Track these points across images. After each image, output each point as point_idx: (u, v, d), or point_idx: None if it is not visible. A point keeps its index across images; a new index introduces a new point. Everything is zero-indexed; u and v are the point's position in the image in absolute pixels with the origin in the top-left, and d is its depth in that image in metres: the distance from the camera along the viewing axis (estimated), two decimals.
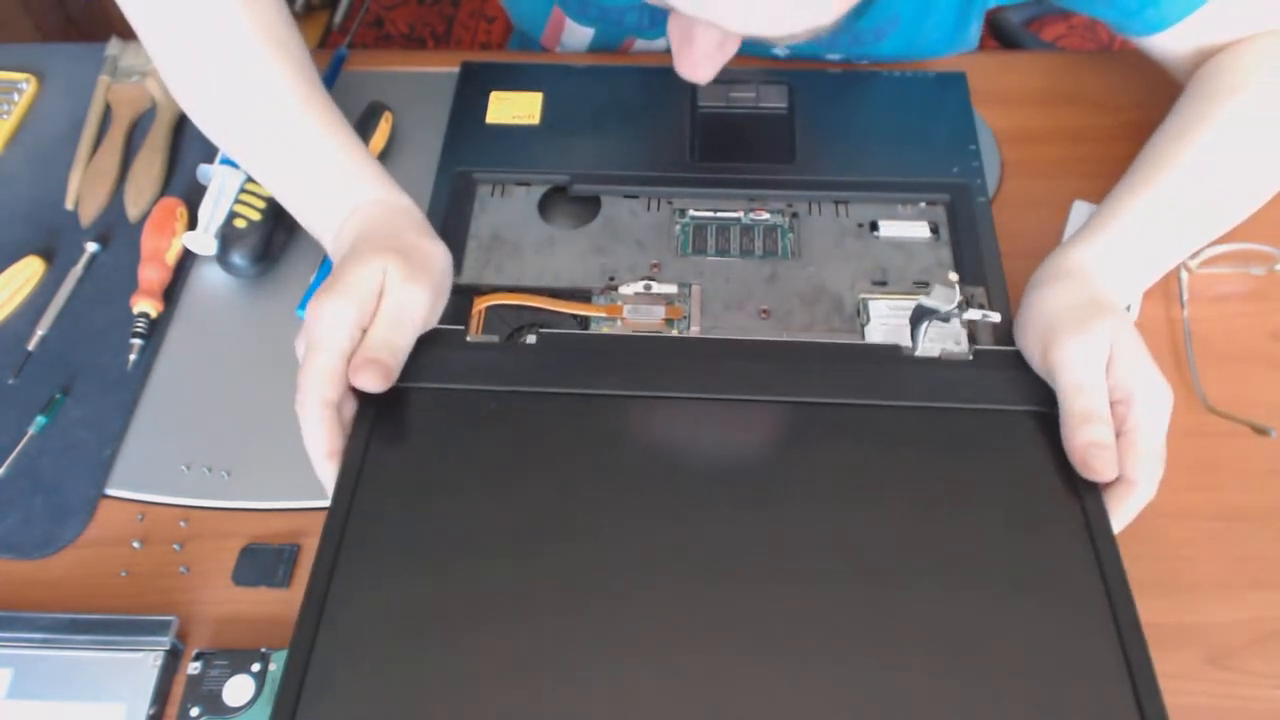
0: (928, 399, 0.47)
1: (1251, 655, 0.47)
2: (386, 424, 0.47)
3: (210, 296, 0.61)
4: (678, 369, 0.49)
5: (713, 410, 0.48)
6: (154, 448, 0.55)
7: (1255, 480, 0.52)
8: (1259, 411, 0.53)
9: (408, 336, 0.48)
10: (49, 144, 0.68)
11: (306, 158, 0.54)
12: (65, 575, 0.51)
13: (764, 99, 0.66)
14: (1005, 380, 0.48)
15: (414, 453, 0.46)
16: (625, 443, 0.47)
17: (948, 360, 0.49)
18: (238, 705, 0.45)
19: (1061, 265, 0.50)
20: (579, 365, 0.49)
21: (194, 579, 0.50)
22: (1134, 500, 0.44)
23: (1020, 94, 0.69)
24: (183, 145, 0.68)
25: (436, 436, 0.47)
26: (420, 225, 0.52)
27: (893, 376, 0.48)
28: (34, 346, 0.58)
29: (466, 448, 0.46)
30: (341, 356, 0.46)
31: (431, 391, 0.48)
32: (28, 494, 0.53)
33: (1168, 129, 0.56)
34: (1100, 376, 0.45)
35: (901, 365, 0.49)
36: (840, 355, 0.50)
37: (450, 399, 0.48)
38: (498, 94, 0.67)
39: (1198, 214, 0.54)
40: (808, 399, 0.48)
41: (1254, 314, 0.58)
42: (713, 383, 0.48)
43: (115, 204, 0.65)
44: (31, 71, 0.72)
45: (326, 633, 0.40)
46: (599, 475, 0.45)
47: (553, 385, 0.48)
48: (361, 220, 0.51)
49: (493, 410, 0.47)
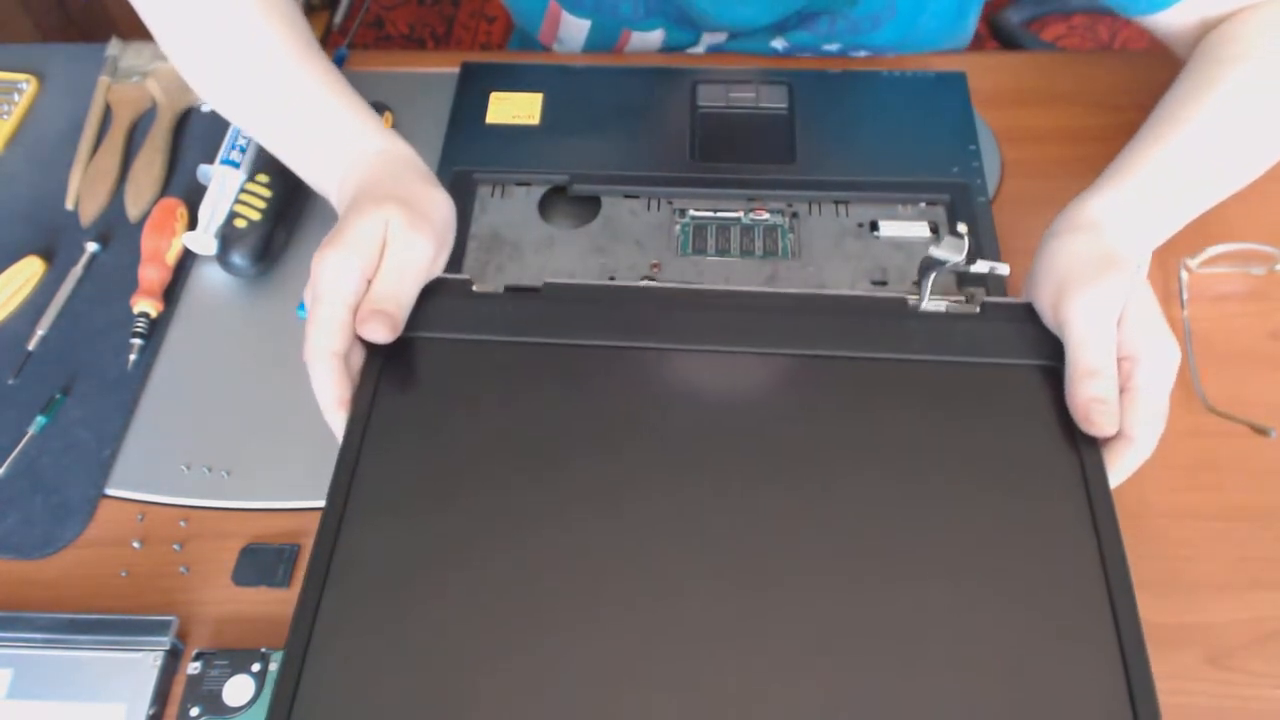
0: (934, 352, 0.47)
1: (1251, 655, 0.47)
2: (393, 374, 0.47)
3: (210, 296, 0.61)
4: (683, 319, 0.49)
5: (717, 361, 0.48)
6: (154, 448, 0.55)
7: (1255, 480, 0.52)
8: (1259, 411, 0.53)
9: (412, 286, 0.48)
10: (49, 144, 0.68)
11: (306, 113, 0.54)
12: (65, 575, 0.51)
13: (764, 99, 0.66)
14: (1013, 334, 0.48)
15: (421, 402, 0.47)
16: (629, 393, 0.47)
17: (955, 313, 0.49)
18: (238, 705, 0.45)
19: (1076, 218, 0.50)
20: (584, 315, 0.49)
21: (194, 579, 0.50)
22: (1132, 456, 0.44)
23: (1020, 94, 0.69)
24: (183, 145, 0.68)
25: (443, 387, 0.47)
26: (423, 173, 0.53)
27: (899, 329, 0.48)
28: (34, 346, 0.58)
29: (473, 398, 0.47)
30: (347, 308, 0.46)
31: (438, 342, 0.48)
32: (28, 494, 0.53)
33: (1176, 92, 0.56)
34: (1109, 332, 0.45)
35: (908, 318, 0.49)
36: (847, 307, 0.49)
37: (457, 349, 0.48)
38: (497, 94, 0.67)
39: (1205, 174, 0.54)
40: (814, 351, 0.48)
41: (1254, 314, 0.58)
42: (718, 333, 0.48)
43: (115, 204, 0.65)
44: (31, 72, 0.72)
45: (335, 582, 0.41)
46: (604, 425, 0.46)
47: (558, 336, 0.48)
48: (363, 171, 0.52)
49: (499, 360, 0.48)
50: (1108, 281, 0.45)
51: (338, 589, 0.41)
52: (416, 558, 0.42)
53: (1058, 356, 0.46)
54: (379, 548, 0.42)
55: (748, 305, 0.49)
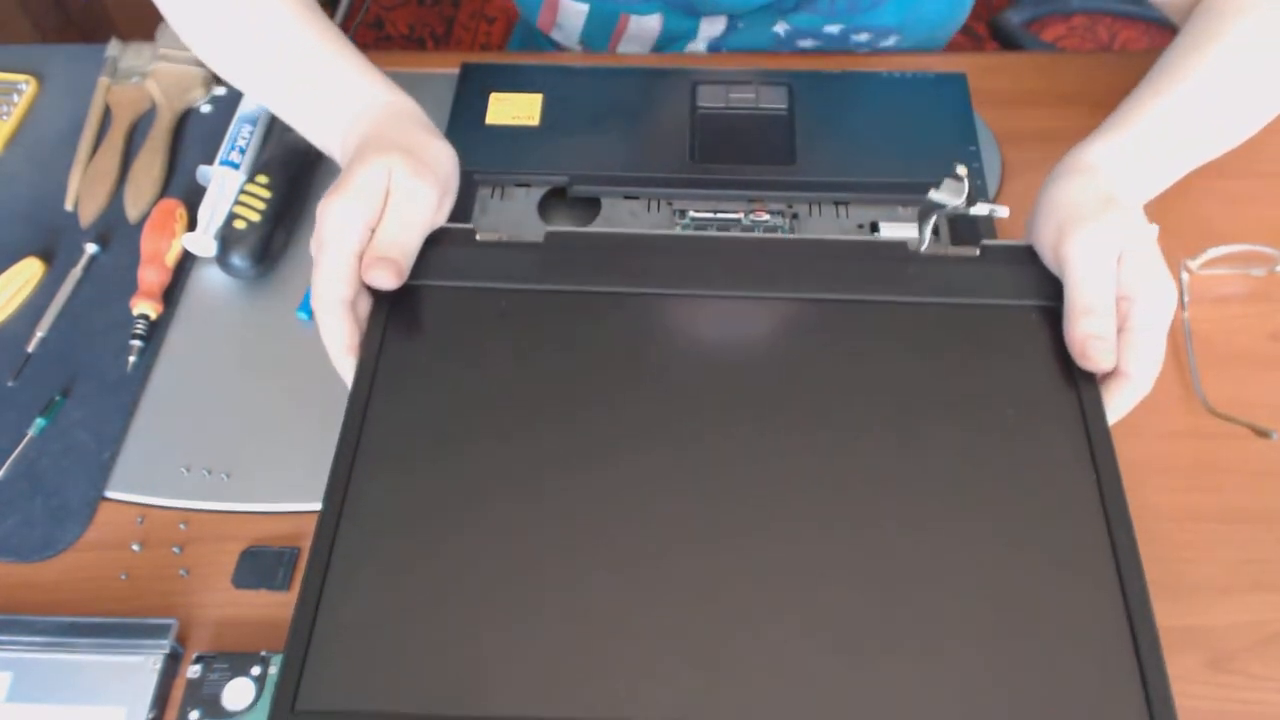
0: (934, 294, 0.48)
1: (1253, 658, 0.47)
2: (400, 321, 0.48)
3: (210, 298, 0.61)
4: (685, 265, 0.49)
5: (719, 306, 0.49)
6: (154, 450, 0.54)
7: (1256, 482, 0.52)
8: (1260, 413, 0.53)
9: (416, 234, 0.49)
10: (48, 145, 0.68)
11: (310, 68, 0.55)
12: (65, 578, 0.51)
13: (764, 100, 0.66)
14: (1012, 275, 0.48)
15: (428, 349, 0.47)
16: (633, 338, 0.48)
17: (955, 256, 0.49)
18: (238, 709, 0.45)
19: (1075, 162, 0.51)
20: (587, 262, 0.50)
21: (194, 582, 0.50)
22: (1129, 394, 0.45)
23: (1020, 94, 0.69)
24: (183, 146, 0.68)
25: (449, 333, 0.48)
26: (426, 124, 0.53)
27: (899, 273, 0.49)
28: (33, 348, 0.58)
29: (479, 344, 0.47)
30: (353, 255, 0.47)
31: (443, 289, 0.49)
32: (27, 496, 0.53)
33: (1177, 46, 0.56)
34: (1108, 270, 0.46)
35: (908, 261, 0.49)
36: (846, 251, 0.50)
37: (462, 296, 0.49)
38: (497, 95, 0.67)
39: (1202, 130, 0.54)
40: (814, 295, 0.48)
41: (1255, 315, 0.58)
42: (720, 279, 0.49)
43: (115, 205, 0.65)
44: (31, 72, 0.72)
45: (347, 526, 0.42)
46: (608, 370, 0.47)
47: (561, 283, 0.49)
48: (366, 124, 0.52)
49: (503, 307, 0.48)
50: (1106, 220, 0.46)
51: (350, 532, 0.42)
52: (427, 500, 0.43)
53: (1057, 297, 0.47)
54: (389, 490, 0.43)
55: (749, 251, 0.50)
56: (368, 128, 0.52)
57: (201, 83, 0.69)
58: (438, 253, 0.50)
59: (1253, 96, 0.55)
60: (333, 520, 0.42)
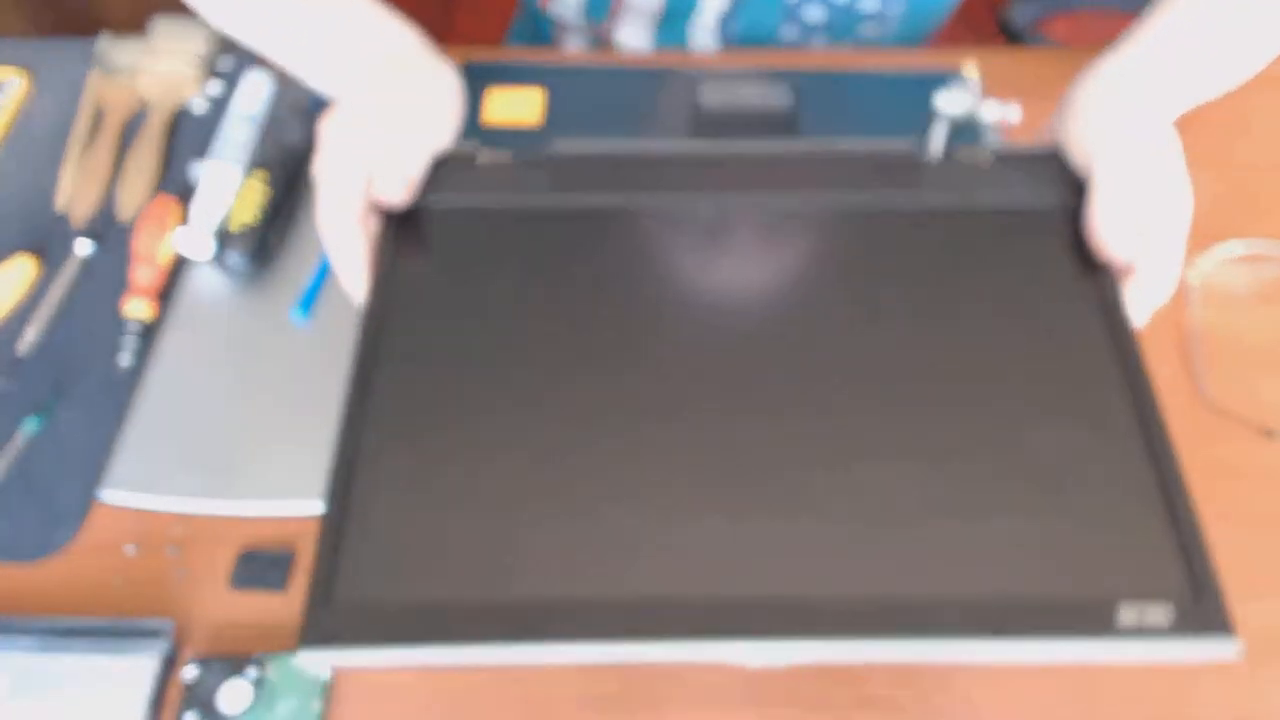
0: (947, 199, 0.48)
1: (1261, 663, 0.46)
2: (409, 238, 0.49)
3: (205, 297, 0.60)
4: (693, 177, 0.50)
5: (730, 214, 0.49)
6: (149, 452, 0.54)
7: (1263, 483, 0.52)
8: (1266, 414, 0.53)
9: (421, 154, 0.49)
10: (40, 142, 0.67)
11: (307, 11, 0.55)
12: (59, 580, 0.50)
13: (767, 99, 0.65)
14: (1025, 178, 0.49)
15: (438, 264, 0.48)
16: (646, 248, 0.48)
17: (966, 162, 0.50)
18: (234, 712, 0.45)
19: (1101, 69, 0.51)
20: (593, 177, 0.50)
21: (189, 584, 0.50)
22: (1147, 295, 0.46)
23: (1026, 90, 0.68)
24: (176, 144, 0.67)
25: (459, 249, 0.48)
26: (426, 49, 0.54)
27: (911, 180, 0.49)
28: (25, 348, 0.58)
29: (489, 258, 0.48)
30: (361, 176, 0.47)
31: (450, 210, 0.50)
32: (20, 498, 0.52)
33: None
34: (1134, 171, 0.46)
35: (919, 169, 0.49)
36: (858, 160, 0.50)
37: (469, 216, 0.49)
38: (497, 94, 0.66)
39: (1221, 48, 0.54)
40: (828, 202, 0.49)
41: (1261, 316, 0.58)
42: (730, 189, 0.49)
43: (108, 203, 0.64)
44: (22, 67, 0.71)
45: (370, 425, 0.42)
46: (622, 279, 0.47)
47: (568, 198, 0.49)
48: (369, 54, 0.53)
49: (511, 224, 0.49)
50: (1132, 121, 0.47)
51: (374, 429, 0.42)
52: (446, 398, 0.43)
53: (1074, 198, 0.48)
54: (408, 391, 0.43)
55: (758, 162, 0.50)
56: (370, 57, 0.52)
57: (195, 80, 0.69)
58: (443, 175, 0.50)
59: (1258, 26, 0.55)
60: (356, 417, 0.42)
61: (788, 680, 0.46)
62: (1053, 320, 0.45)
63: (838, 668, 0.46)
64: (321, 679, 0.46)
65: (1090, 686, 0.46)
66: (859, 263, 0.47)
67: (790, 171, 0.50)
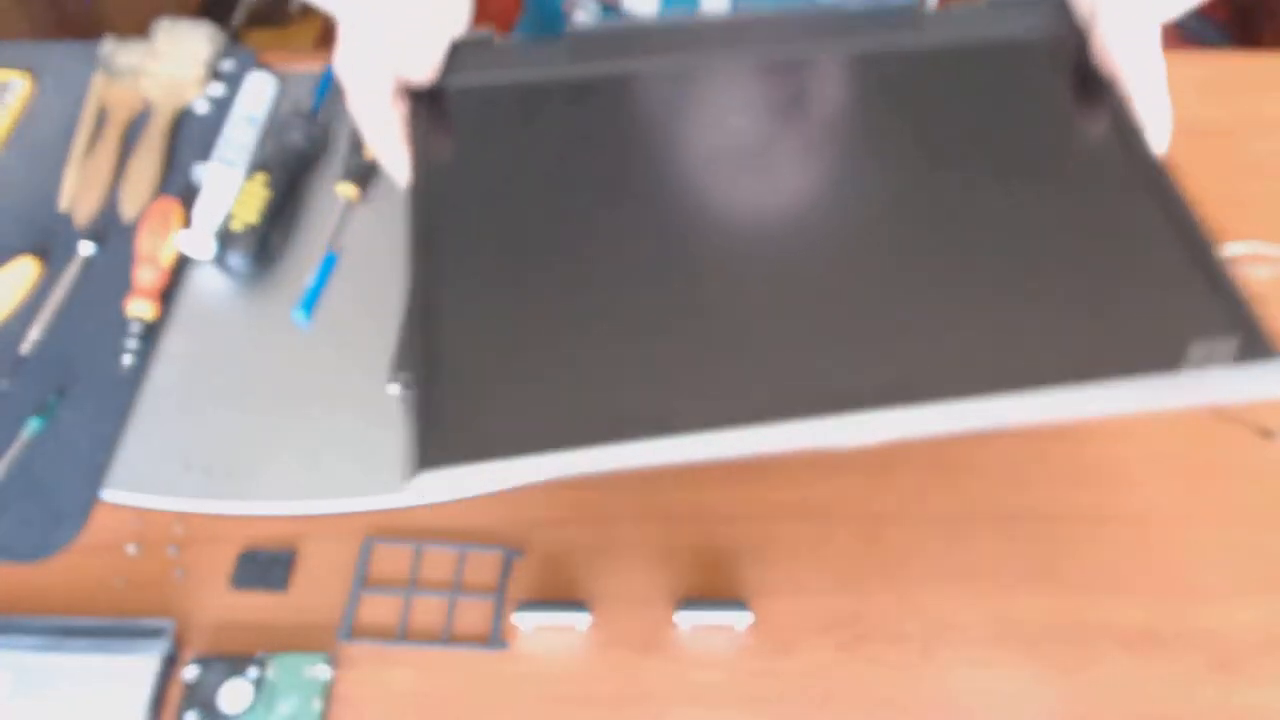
0: (949, 41, 0.51)
1: (1258, 660, 0.47)
2: (439, 118, 0.50)
3: (207, 298, 0.60)
4: (703, 40, 0.52)
5: (743, 70, 0.51)
6: (150, 451, 0.54)
7: (1261, 484, 0.52)
8: (1265, 414, 0.53)
9: (442, 35, 0.51)
10: (43, 143, 0.67)
11: None
12: (60, 580, 0.50)
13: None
14: (1021, 14, 0.51)
15: (471, 140, 0.49)
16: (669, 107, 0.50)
17: (964, 9, 0.52)
18: (234, 712, 0.45)
19: None
20: (610, 48, 0.52)
21: (191, 584, 0.50)
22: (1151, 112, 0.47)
23: None
24: (179, 145, 0.67)
25: (489, 125, 0.50)
26: None
27: (913, 28, 0.52)
28: (28, 349, 0.58)
29: (519, 131, 0.49)
30: (386, 60, 0.48)
31: (475, 88, 0.51)
32: (22, 498, 0.52)
33: None
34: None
35: (919, 19, 0.52)
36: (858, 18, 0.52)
37: (494, 93, 0.51)
38: None
39: None
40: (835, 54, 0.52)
41: None
42: (741, 45, 0.52)
43: (111, 205, 0.64)
44: (25, 69, 0.71)
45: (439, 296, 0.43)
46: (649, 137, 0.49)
47: (588, 69, 0.51)
48: None
49: (536, 97, 0.51)
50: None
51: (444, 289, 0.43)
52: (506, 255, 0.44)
53: (1068, 27, 0.50)
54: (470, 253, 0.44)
55: (769, 22, 0.52)
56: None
57: (197, 82, 0.69)
58: (461, 58, 0.51)
59: None
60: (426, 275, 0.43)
61: (788, 680, 0.47)
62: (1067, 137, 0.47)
63: (839, 667, 0.47)
64: (321, 679, 0.46)
65: (1091, 686, 0.46)
66: (869, 109, 0.50)
67: (799, 27, 0.52)
